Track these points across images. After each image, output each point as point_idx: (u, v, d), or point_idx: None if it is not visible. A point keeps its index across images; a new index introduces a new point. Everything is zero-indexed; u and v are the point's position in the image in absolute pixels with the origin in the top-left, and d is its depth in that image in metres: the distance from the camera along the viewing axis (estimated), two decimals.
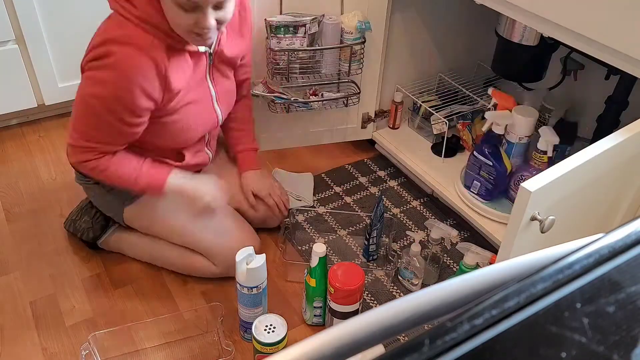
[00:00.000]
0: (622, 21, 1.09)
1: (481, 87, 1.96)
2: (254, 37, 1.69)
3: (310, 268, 1.39)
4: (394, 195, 1.89)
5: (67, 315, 1.47)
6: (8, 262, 1.61)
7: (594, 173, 1.04)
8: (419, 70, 2.00)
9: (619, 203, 1.21)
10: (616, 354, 0.34)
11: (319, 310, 1.44)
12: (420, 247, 1.52)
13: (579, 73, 1.72)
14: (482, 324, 0.33)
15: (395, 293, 1.57)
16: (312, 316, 1.46)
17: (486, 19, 1.75)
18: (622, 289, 0.37)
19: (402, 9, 1.79)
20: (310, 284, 1.39)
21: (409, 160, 1.88)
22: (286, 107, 1.78)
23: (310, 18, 1.64)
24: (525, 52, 1.61)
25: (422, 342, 0.32)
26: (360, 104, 1.89)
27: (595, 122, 1.56)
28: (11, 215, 1.77)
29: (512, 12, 1.34)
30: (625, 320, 0.35)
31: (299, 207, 1.82)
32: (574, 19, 1.18)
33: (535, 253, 0.42)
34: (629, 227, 0.39)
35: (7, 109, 2.03)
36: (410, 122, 2.04)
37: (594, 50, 1.18)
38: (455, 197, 1.71)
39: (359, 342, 0.36)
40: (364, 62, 1.76)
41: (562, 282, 0.36)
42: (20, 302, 1.50)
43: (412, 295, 0.39)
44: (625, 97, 1.50)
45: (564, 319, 0.35)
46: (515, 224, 0.97)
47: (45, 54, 1.96)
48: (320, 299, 1.42)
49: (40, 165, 1.97)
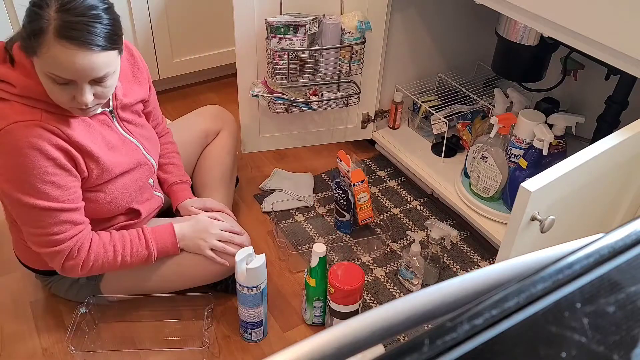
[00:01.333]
0: (622, 21, 1.09)
1: (481, 87, 1.96)
2: (254, 37, 1.69)
3: (310, 268, 1.39)
4: (394, 195, 1.89)
5: (67, 315, 1.47)
6: (8, 262, 1.61)
7: (594, 173, 1.04)
8: (419, 70, 2.00)
9: (619, 203, 1.21)
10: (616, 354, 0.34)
11: (319, 310, 1.44)
12: (420, 247, 1.52)
13: (579, 73, 1.72)
14: (482, 324, 0.33)
15: (395, 293, 1.57)
16: (312, 316, 1.46)
17: (486, 19, 1.75)
18: (622, 289, 0.37)
19: (402, 9, 1.79)
20: (310, 284, 1.39)
21: (409, 160, 1.88)
22: (286, 107, 1.78)
23: (310, 18, 1.64)
24: (525, 52, 1.62)
25: (422, 342, 0.32)
26: (360, 104, 1.89)
27: (595, 122, 1.56)
28: None
29: (512, 12, 1.34)
30: (625, 320, 0.35)
31: (299, 207, 1.82)
32: (574, 19, 1.18)
33: (535, 253, 0.42)
34: (629, 227, 0.39)
35: None
36: (410, 122, 2.04)
37: (594, 50, 1.18)
38: (455, 197, 1.71)
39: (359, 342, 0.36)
40: (364, 62, 1.76)
41: (562, 282, 0.36)
42: (20, 302, 1.50)
43: (412, 295, 0.39)
44: (625, 97, 1.50)
45: (564, 319, 0.35)
46: (515, 224, 0.97)
47: None
48: (320, 299, 1.42)
49: None
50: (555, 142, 1.50)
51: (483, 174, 1.59)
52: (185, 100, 2.30)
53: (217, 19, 2.20)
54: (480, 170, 1.60)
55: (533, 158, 1.50)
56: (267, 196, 1.85)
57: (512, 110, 1.72)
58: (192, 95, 2.37)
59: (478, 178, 1.61)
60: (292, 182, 1.91)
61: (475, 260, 1.67)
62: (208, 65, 2.32)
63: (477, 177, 1.62)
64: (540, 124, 1.50)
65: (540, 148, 1.48)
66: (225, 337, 1.43)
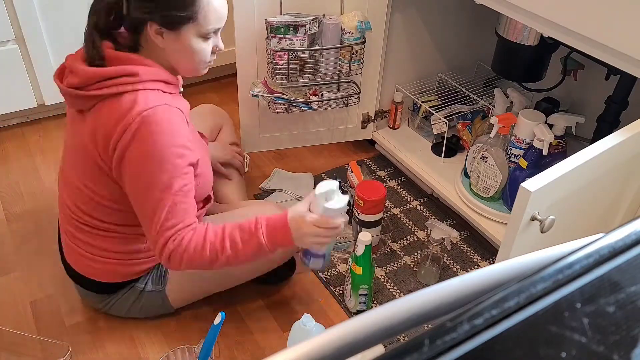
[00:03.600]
0: (622, 21, 1.09)
1: (481, 87, 1.96)
2: (254, 37, 1.69)
3: (356, 256, 1.40)
4: (394, 195, 1.89)
5: (67, 315, 1.47)
6: (8, 262, 1.61)
7: (594, 173, 1.04)
8: (419, 70, 1.99)
9: (619, 203, 1.21)
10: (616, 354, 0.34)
11: (364, 298, 1.46)
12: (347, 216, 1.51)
13: (579, 73, 1.72)
14: (482, 324, 0.33)
15: (395, 293, 1.57)
16: (357, 304, 1.48)
17: (486, 19, 1.75)
18: (622, 289, 0.37)
19: (402, 9, 1.79)
20: (357, 272, 1.41)
21: (409, 160, 1.88)
22: (286, 107, 1.78)
23: (310, 18, 1.64)
24: (525, 52, 1.62)
25: (422, 342, 0.32)
26: (360, 104, 1.89)
27: (595, 122, 1.56)
28: (11, 215, 1.77)
29: (512, 12, 1.34)
30: (625, 320, 0.35)
31: None
32: (574, 19, 1.18)
33: (535, 253, 0.42)
34: (629, 227, 0.39)
35: (7, 109, 2.03)
36: (410, 122, 2.04)
37: (594, 50, 1.18)
38: (455, 197, 1.71)
39: (359, 342, 0.36)
40: (364, 62, 1.76)
41: (562, 282, 0.36)
42: (20, 302, 1.50)
43: (412, 295, 0.39)
44: (625, 97, 1.50)
45: (564, 319, 0.35)
46: (515, 224, 0.97)
47: (45, 54, 1.96)
48: (366, 287, 1.44)
49: (40, 166, 1.97)
50: (555, 142, 1.50)
51: (483, 174, 1.59)
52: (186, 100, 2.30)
53: None
54: (480, 170, 1.60)
55: (533, 158, 1.50)
56: (267, 196, 1.85)
57: (512, 110, 1.72)
58: (192, 95, 2.36)
59: (478, 178, 1.61)
60: (292, 182, 1.91)
61: (476, 260, 1.67)
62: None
63: (477, 177, 1.62)
64: (540, 124, 1.50)
65: (540, 148, 1.48)
66: (225, 337, 1.43)
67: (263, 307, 1.52)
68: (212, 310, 1.47)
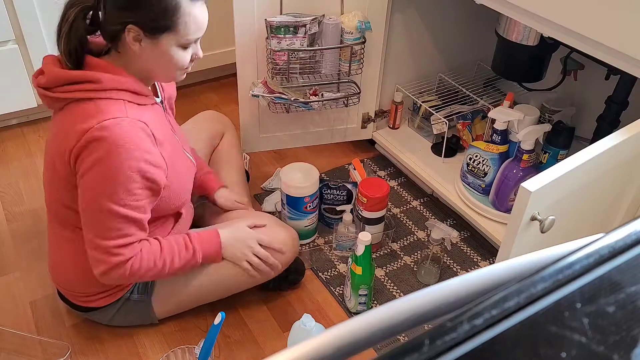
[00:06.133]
0: (622, 21, 1.09)
1: (481, 87, 1.96)
2: (254, 37, 1.69)
3: (356, 256, 1.40)
4: (394, 195, 1.89)
5: (67, 315, 1.47)
6: (8, 262, 1.61)
7: (594, 173, 1.04)
8: (419, 70, 2.00)
9: (619, 203, 1.21)
10: (616, 354, 0.34)
11: (364, 298, 1.46)
12: (352, 215, 1.60)
13: (579, 73, 1.72)
14: (482, 324, 0.33)
15: (395, 293, 1.57)
16: (357, 304, 1.48)
17: (486, 19, 1.75)
18: (622, 289, 0.37)
19: (402, 9, 1.79)
20: (357, 272, 1.41)
21: (409, 160, 1.88)
22: (286, 107, 1.78)
23: (310, 18, 1.64)
24: (525, 52, 1.61)
25: (422, 342, 0.32)
26: (360, 104, 1.89)
27: (595, 122, 1.56)
28: (11, 215, 1.77)
29: (512, 12, 1.34)
30: (625, 320, 0.35)
31: None
32: (574, 19, 1.18)
33: (535, 253, 0.42)
34: (629, 227, 0.39)
35: (7, 109, 2.04)
36: (410, 122, 2.04)
37: (594, 50, 1.18)
38: (455, 197, 1.71)
39: (359, 342, 0.36)
40: (364, 62, 1.76)
41: (562, 282, 0.36)
42: (20, 302, 1.50)
43: (412, 295, 0.39)
44: (625, 97, 1.50)
45: (564, 319, 0.35)
46: (515, 224, 0.97)
47: (45, 54, 1.95)
48: (366, 287, 1.44)
49: (40, 166, 1.97)
50: (526, 157, 1.50)
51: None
52: (186, 100, 2.30)
53: (217, 19, 2.20)
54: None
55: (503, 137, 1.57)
56: (268, 195, 1.85)
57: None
58: (192, 95, 2.37)
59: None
60: None
61: (476, 260, 1.67)
62: (208, 65, 2.32)
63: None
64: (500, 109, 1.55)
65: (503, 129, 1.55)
66: (225, 337, 1.43)
67: (263, 307, 1.52)
68: (212, 311, 1.47)
